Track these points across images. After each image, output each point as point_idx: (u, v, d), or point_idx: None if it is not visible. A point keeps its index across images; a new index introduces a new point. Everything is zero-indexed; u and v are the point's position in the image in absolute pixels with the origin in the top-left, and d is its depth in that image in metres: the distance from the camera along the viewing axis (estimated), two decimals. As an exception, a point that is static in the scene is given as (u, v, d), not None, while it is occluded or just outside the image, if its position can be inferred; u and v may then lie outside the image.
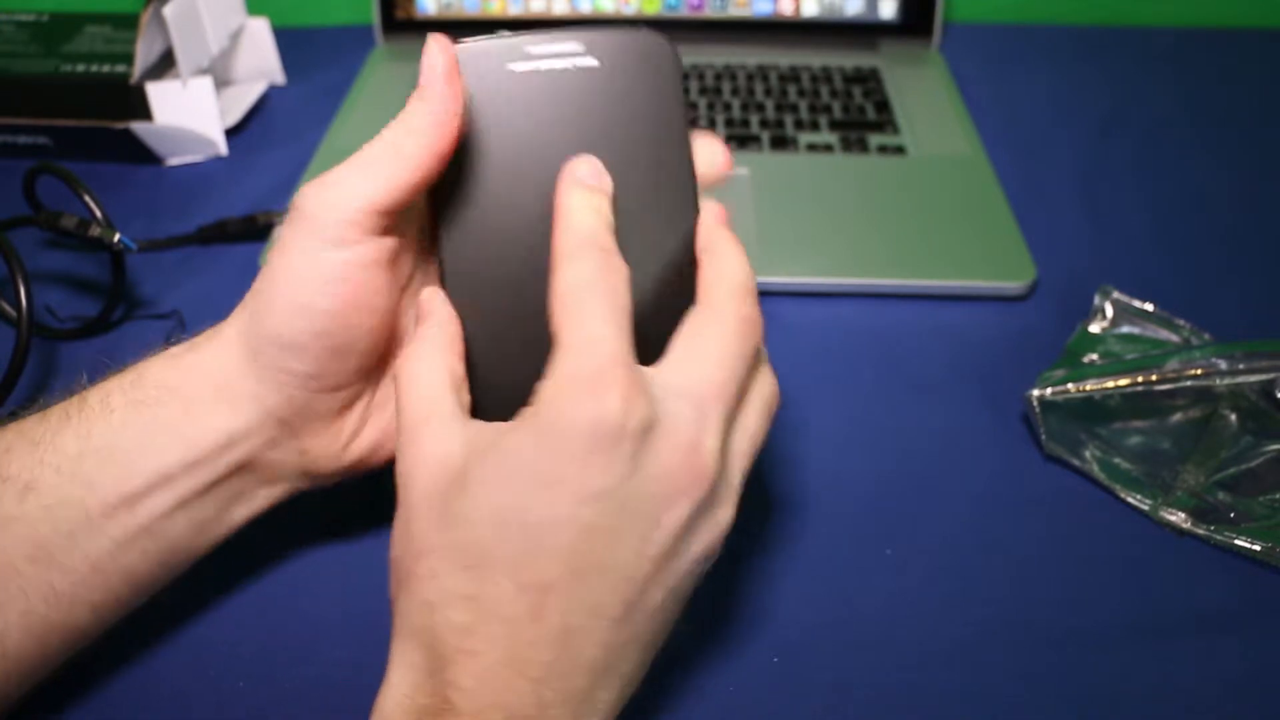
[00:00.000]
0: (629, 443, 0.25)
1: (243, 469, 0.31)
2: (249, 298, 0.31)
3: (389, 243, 0.30)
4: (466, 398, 0.29)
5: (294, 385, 0.31)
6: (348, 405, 0.32)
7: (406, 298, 0.33)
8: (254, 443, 0.31)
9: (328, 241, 0.29)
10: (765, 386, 0.30)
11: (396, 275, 0.32)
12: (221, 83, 0.65)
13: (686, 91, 0.31)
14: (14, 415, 0.31)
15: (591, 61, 0.31)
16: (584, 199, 0.29)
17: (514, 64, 0.31)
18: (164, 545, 0.31)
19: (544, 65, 0.31)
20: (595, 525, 0.25)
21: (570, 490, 0.25)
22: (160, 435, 0.30)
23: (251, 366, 0.30)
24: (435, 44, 0.30)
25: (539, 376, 0.27)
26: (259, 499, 0.33)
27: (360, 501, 0.39)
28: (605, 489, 0.25)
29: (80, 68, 0.58)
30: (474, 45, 0.32)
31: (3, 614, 0.28)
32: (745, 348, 0.28)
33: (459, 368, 0.29)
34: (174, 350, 0.32)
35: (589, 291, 0.27)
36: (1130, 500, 0.39)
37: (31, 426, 0.30)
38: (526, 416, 0.26)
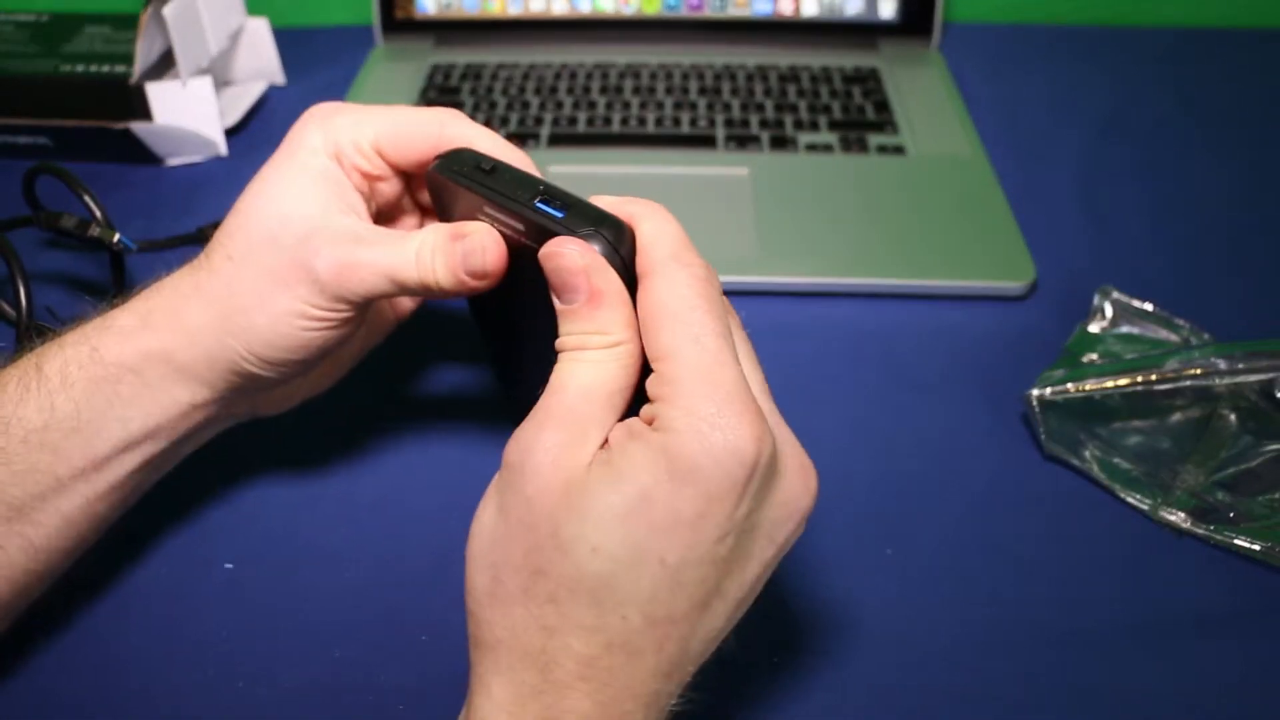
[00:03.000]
0: (760, 476, 0.25)
1: (200, 426, 0.34)
2: (215, 280, 0.32)
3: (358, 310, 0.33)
4: (621, 412, 0.27)
5: (255, 379, 0.33)
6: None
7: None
8: (212, 409, 0.34)
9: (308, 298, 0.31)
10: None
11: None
12: (221, 83, 0.65)
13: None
14: None
15: None
16: (666, 211, 0.28)
17: None
18: (128, 492, 0.34)
19: None
20: (728, 559, 0.25)
21: (708, 530, 0.25)
22: (122, 408, 0.32)
23: (213, 361, 0.32)
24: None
25: None
26: (210, 435, 0.36)
27: (361, 501, 0.39)
28: (739, 524, 0.25)
29: (80, 68, 0.58)
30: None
31: None
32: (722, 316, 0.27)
33: (636, 370, 0.27)
34: (125, 324, 0.32)
35: (695, 306, 0.26)
36: (1130, 500, 0.39)
37: None
38: (656, 445, 0.25)
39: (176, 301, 0.32)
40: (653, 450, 0.25)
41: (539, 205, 0.29)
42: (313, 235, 0.31)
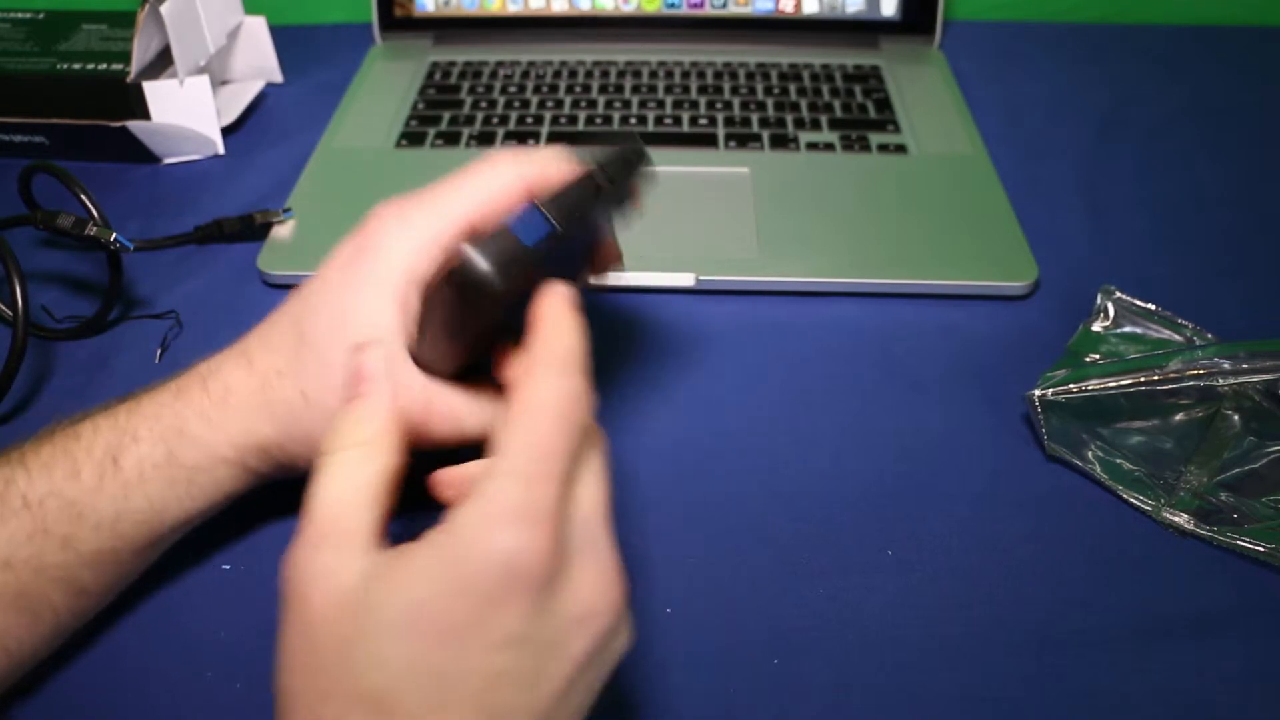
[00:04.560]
0: (536, 586, 0.24)
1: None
2: (284, 405, 0.33)
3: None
4: (385, 508, 0.27)
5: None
6: None
7: None
8: (259, 480, 0.35)
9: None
10: (596, 460, 0.28)
11: None
12: (219, 81, 0.64)
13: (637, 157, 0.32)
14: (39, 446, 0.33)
15: None
16: (574, 321, 0.28)
17: None
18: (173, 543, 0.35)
19: None
20: (507, 671, 0.24)
21: (482, 638, 0.24)
22: (190, 501, 0.34)
23: (278, 465, 0.34)
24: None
25: None
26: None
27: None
28: (519, 636, 0.24)
29: (77, 66, 0.58)
30: None
31: (32, 632, 0.32)
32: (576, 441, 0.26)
33: (389, 461, 0.27)
34: (198, 431, 0.33)
35: (547, 417, 0.25)
36: (1133, 501, 0.39)
37: (69, 488, 0.32)
38: (436, 549, 0.24)
39: (248, 418, 0.33)
40: (432, 556, 0.24)
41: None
42: (395, 372, 0.32)
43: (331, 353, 0.32)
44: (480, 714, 0.24)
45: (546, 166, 0.32)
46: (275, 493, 0.39)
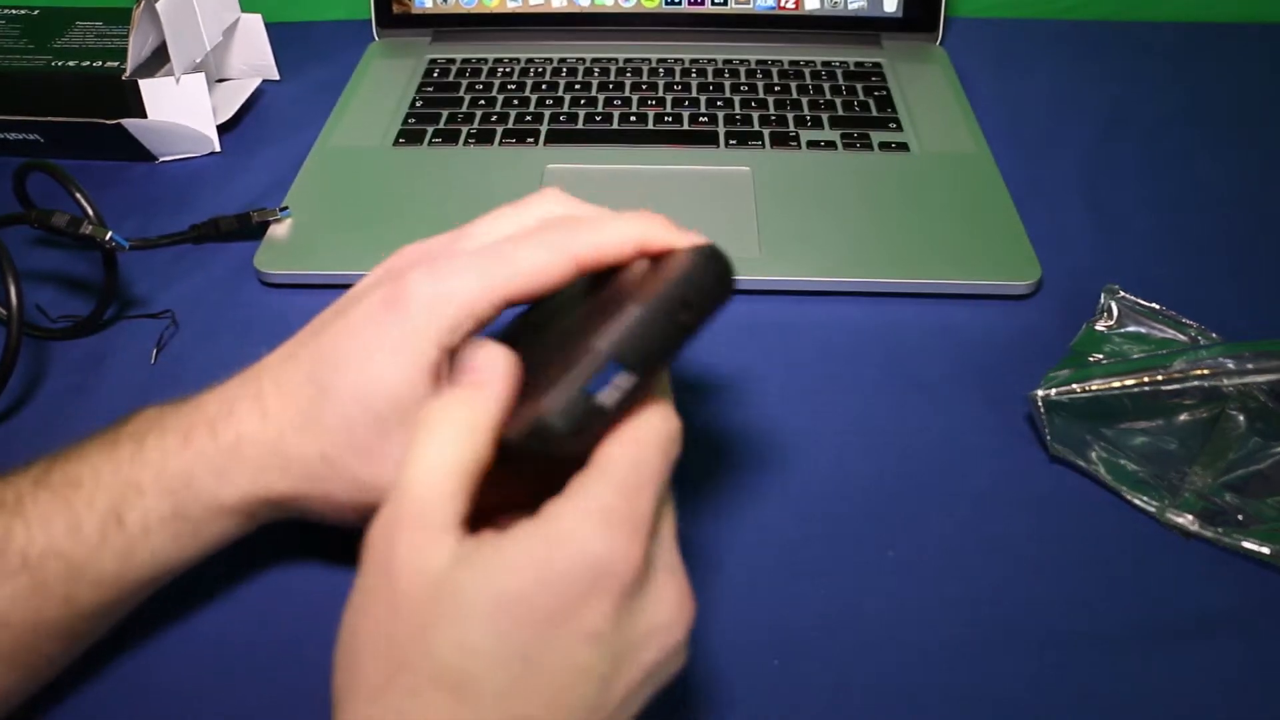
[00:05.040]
0: (625, 591, 0.25)
1: None
2: (296, 462, 0.31)
3: None
4: (472, 498, 0.27)
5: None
6: None
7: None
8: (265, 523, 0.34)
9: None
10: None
11: None
12: (215, 79, 0.64)
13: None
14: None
15: None
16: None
17: None
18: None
19: None
20: (588, 667, 0.25)
21: (569, 631, 0.25)
22: (192, 550, 0.33)
23: (279, 513, 0.33)
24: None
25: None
26: None
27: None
28: (608, 636, 0.25)
29: (72, 63, 0.57)
30: None
31: (26, 684, 0.31)
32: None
33: (484, 454, 0.27)
34: (206, 484, 0.31)
35: (654, 444, 0.27)
36: (1137, 502, 0.39)
37: (70, 546, 0.30)
38: (534, 538, 0.25)
39: (261, 473, 0.31)
40: (525, 546, 0.25)
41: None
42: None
43: (356, 418, 0.30)
44: (553, 705, 0.25)
45: (603, 249, 0.29)
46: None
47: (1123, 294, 0.46)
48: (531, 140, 0.58)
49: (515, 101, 0.61)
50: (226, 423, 0.31)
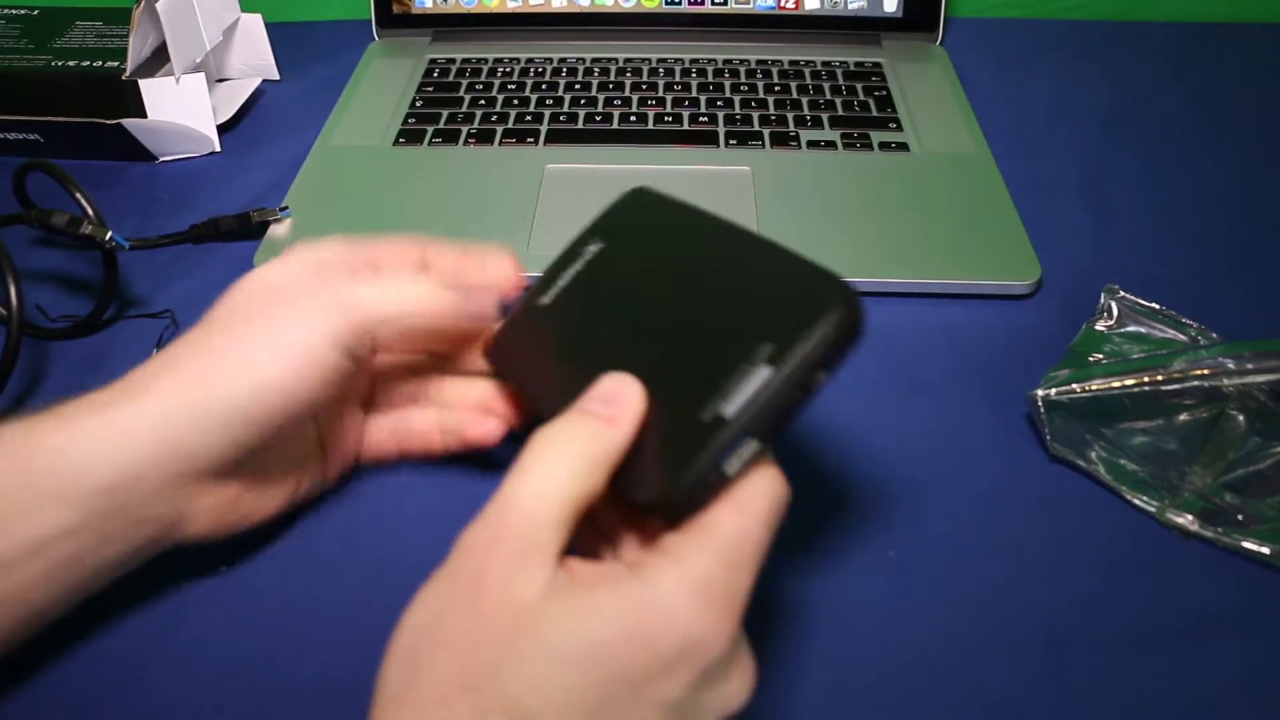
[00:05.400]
0: (716, 666, 0.25)
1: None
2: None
3: None
4: (572, 532, 0.26)
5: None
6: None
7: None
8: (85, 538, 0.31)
9: None
10: None
11: None
12: (215, 78, 0.64)
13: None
14: None
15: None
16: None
17: None
18: (72, 583, 0.31)
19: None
20: None
21: (650, 696, 0.25)
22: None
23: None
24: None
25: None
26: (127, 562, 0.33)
27: (360, 501, 0.39)
28: (681, 703, 0.25)
29: (72, 63, 0.57)
30: None
31: None
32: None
33: (598, 491, 0.26)
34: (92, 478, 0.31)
35: (763, 511, 0.26)
36: (1136, 502, 0.39)
37: None
38: (630, 598, 0.25)
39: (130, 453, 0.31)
40: (618, 601, 0.25)
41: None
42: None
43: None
44: None
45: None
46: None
47: (1123, 294, 0.46)
48: (531, 140, 0.58)
49: (515, 101, 0.61)
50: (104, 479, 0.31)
